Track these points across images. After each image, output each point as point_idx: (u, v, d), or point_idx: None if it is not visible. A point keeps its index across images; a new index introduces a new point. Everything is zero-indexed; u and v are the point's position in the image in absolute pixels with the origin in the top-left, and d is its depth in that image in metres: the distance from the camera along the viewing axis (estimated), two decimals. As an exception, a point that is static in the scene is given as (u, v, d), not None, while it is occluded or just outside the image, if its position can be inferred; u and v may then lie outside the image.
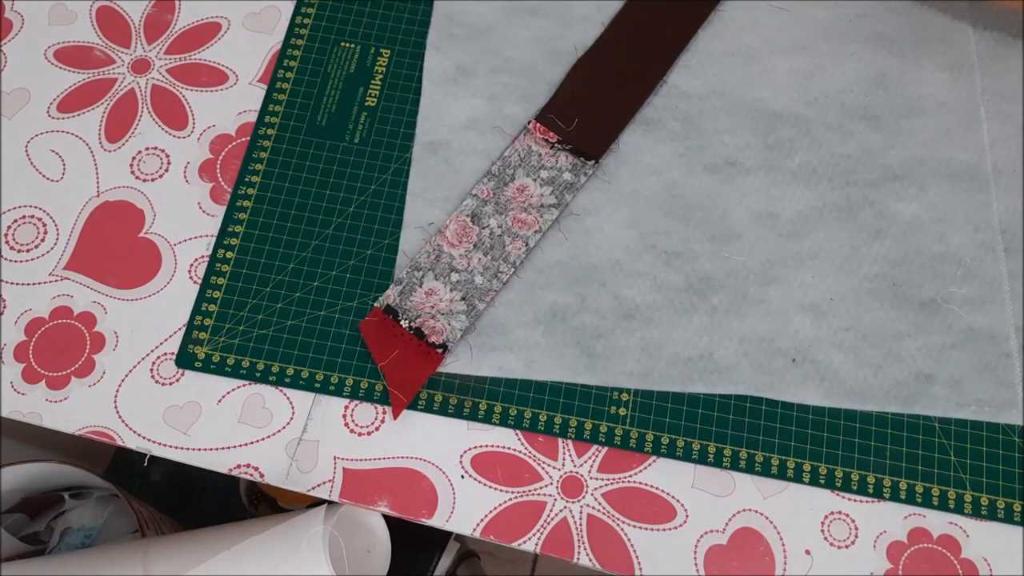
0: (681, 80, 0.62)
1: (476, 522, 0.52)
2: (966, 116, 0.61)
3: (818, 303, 0.56)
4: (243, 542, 0.52)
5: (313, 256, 0.57)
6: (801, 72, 0.62)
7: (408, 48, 0.64)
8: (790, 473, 0.52)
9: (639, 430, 0.53)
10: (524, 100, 0.61)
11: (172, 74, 0.63)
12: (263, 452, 0.53)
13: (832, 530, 0.51)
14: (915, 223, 0.58)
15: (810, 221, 0.58)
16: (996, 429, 0.53)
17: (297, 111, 0.62)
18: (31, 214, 0.59)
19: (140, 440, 0.53)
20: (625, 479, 0.53)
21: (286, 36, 0.64)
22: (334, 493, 0.52)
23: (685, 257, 0.57)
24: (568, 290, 0.56)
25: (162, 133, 0.61)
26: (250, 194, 0.59)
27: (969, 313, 0.55)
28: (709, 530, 0.51)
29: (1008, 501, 0.52)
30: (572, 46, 0.63)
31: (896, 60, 0.62)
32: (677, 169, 0.59)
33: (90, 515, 0.74)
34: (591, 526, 0.51)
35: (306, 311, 0.56)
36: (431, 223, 0.58)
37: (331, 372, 0.55)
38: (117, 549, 0.57)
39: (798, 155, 0.60)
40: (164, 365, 0.55)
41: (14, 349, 0.56)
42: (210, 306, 0.56)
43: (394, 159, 0.60)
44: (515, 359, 0.54)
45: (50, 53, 0.64)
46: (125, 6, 0.65)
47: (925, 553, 0.51)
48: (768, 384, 0.54)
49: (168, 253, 0.58)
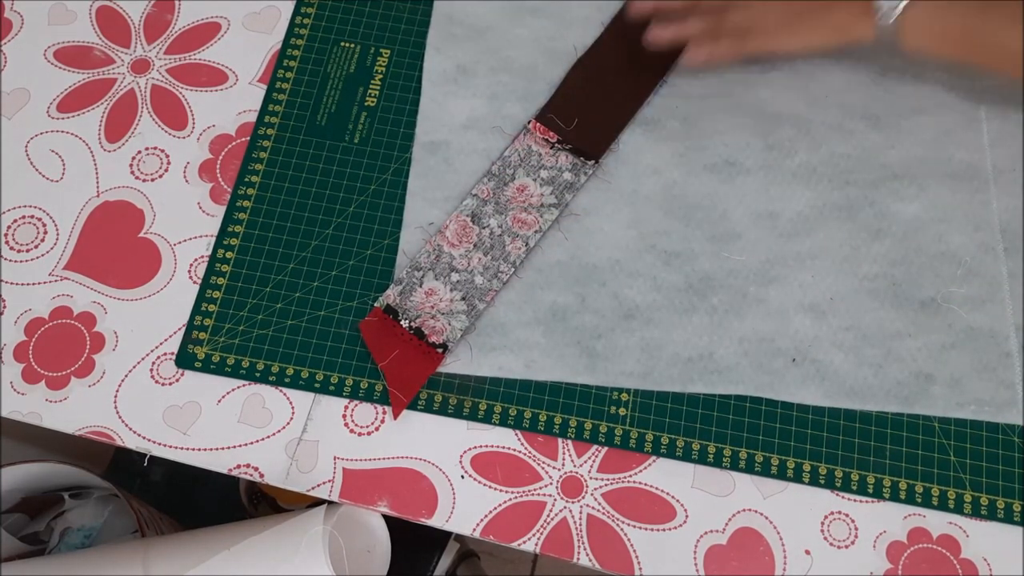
0: (681, 80, 0.62)
1: (476, 522, 0.52)
2: (966, 116, 0.61)
3: (818, 303, 0.56)
4: (243, 542, 0.52)
5: (313, 256, 0.57)
6: (801, 72, 0.62)
7: (408, 48, 0.64)
8: (790, 473, 0.52)
9: (639, 430, 0.53)
10: (524, 100, 0.61)
11: (172, 74, 0.63)
12: (263, 452, 0.53)
13: (832, 530, 0.51)
14: (915, 223, 0.58)
15: (810, 221, 0.58)
16: (996, 429, 0.53)
17: (297, 111, 0.62)
18: (31, 214, 0.59)
19: (140, 440, 0.53)
20: (625, 479, 0.53)
21: (286, 36, 0.64)
22: (334, 493, 0.52)
23: (685, 257, 0.57)
24: (568, 290, 0.56)
25: (162, 133, 0.61)
26: (250, 194, 0.59)
27: (969, 313, 0.55)
28: (709, 530, 0.51)
29: (1008, 501, 0.51)
30: (572, 46, 0.63)
31: (896, 60, 0.62)
32: (677, 169, 0.59)
33: (90, 515, 0.74)
34: (591, 526, 0.51)
35: (306, 311, 0.56)
36: (431, 223, 0.58)
37: (331, 372, 0.55)
38: (117, 549, 0.57)
39: (798, 155, 0.60)
40: (164, 365, 0.55)
41: (14, 349, 0.56)
42: (210, 306, 0.56)
43: (394, 159, 0.60)
44: (515, 359, 0.54)
45: (50, 53, 0.64)
46: (125, 6, 0.65)
47: (925, 553, 0.51)
48: (768, 384, 0.54)
49: (168, 253, 0.58)
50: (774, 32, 0.55)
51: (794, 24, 0.55)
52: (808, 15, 0.55)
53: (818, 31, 0.55)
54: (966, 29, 0.49)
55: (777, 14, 0.55)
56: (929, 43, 0.51)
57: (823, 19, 0.54)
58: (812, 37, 0.55)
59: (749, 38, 0.56)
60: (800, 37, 0.55)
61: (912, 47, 0.51)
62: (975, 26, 0.49)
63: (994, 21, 0.49)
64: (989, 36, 0.49)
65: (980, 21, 0.49)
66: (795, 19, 0.55)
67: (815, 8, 0.55)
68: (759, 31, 0.56)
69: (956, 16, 0.49)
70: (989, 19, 0.49)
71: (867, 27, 0.52)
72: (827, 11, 0.54)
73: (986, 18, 0.49)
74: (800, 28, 0.55)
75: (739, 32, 0.56)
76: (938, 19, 0.49)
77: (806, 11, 0.55)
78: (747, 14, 0.56)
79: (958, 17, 0.49)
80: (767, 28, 0.55)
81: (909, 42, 0.50)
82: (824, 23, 0.54)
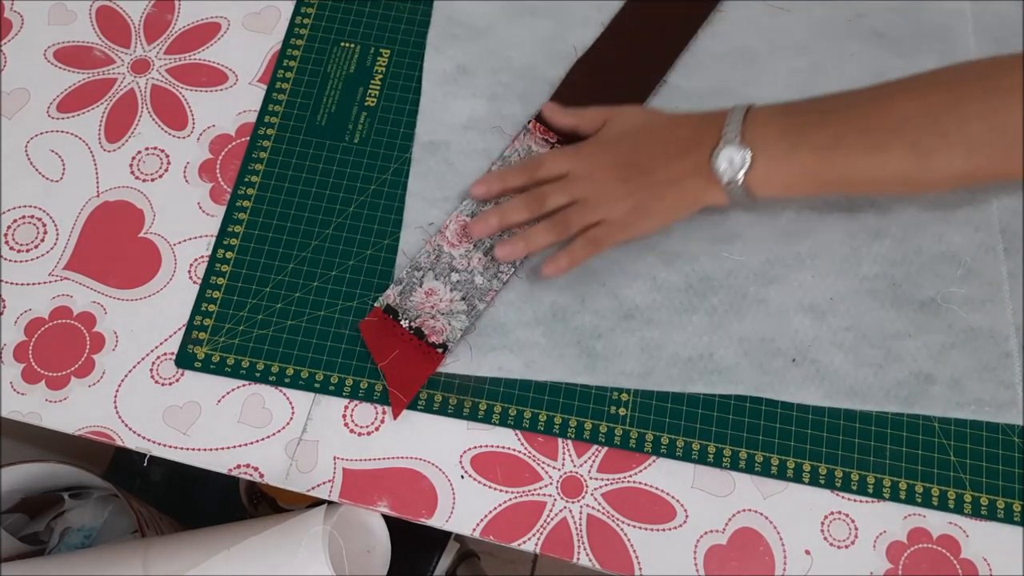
0: (681, 80, 0.62)
1: (476, 522, 0.52)
2: (966, 116, 0.61)
3: (818, 303, 0.56)
4: (243, 542, 0.52)
5: (313, 256, 0.57)
6: (801, 72, 0.62)
7: (408, 48, 0.64)
8: (790, 473, 0.52)
9: (639, 430, 0.53)
10: (524, 100, 0.61)
11: (172, 74, 0.63)
12: (263, 452, 0.53)
13: (832, 530, 0.51)
14: (915, 223, 0.58)
15: (810, 221, 0.58)
16: (996, 429, 0.53)
17: (297, 111, 0.62)
18: (31, 214, 0.59)
19: (140, 440, 0.53)
20: (625, 479, 0.53)
21: (286, 36, 0.64)
22: (334, 493, 0.52)
23: (685, 257, 0.57)
24: (568, 290, 0.56)
25: (162, 133, 0.61)
26: (250, 194, 0.59)
27: (969, 313, 0.55)
28: (709, 530, 0.51)
29: (1008, 501, 0.51)
30: (572, 46, 0.63)
31: (896, 60, 0.62)
32: (677, 169, 0.59)
33: (90, 515, 0.74)
34: (591, 526, 0.51)
35: (306, 311, 0.56)
36: (431, 223, 0.58)
37: (331, 372, 0.55)
38: (117, 549, 0.57)
39: (798, 155, 0.60)
40: (164, 365, 0.55)
41: (14, 349, 0.56)
42: (210, 306, 0.56)
43: (394, 159, 0.60)
44: (515, 359, 0.54)
45: (50, 53, 0.64)
46: (125, 6, 0.65)
47: (925, 553, 0.51)
48: (768, 384, 0.54)
49: (168, 253, 0.58)
50: (625, 223, 0.52)
51: (645, 207, 0.51)
52: (657, 197, 0.51)
53: (672, 209, 0.52)
54: (811, 173, 0.46)
55: (623, 205, 0.51)
56: (780, 192, 0.49)
57: (674, 197, 0.51)
58: (667, 216, 0.52)
59: (603, 236, 0.52)
60: (655, 219, 0.52)
61: (766, 197, 0.49)
62: (820, 169, 0.46)
63: (840, 158, 0.47)
64: (837, 174, 0.47)
65: (825, 163, 0.47)
66: (645, 203, 0.51)
67: (661, 184, 0.51)
68: (610, 225, 0.52)
69: (798, 165, 0.46)
70: (835, 156, 0.47)
71: (718, 193, 0.50)
72: (675, 186, 0.51)
73: (832, 157, 0.46)
74: (653, 210, 0.52)
75: (590, 235, 0.52)
76: (781, 172, 0.46)
77: (650, 193, 0.51)
78: (591, 211, 0.52)
79: (799, 166, 0.46)
80: (616, 220, 0.52)
81: (760, 195, 0.48)
82: (677, 200, 0.51)
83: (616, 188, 0.52)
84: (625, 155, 0.52)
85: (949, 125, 0.44)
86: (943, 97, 0.45)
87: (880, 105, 0.47)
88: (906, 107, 0.46)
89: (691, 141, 0.51)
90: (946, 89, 0.45)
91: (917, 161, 0.45)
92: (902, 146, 0.45)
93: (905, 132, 0.45)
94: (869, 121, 0.47)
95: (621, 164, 0.52)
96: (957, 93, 0.45)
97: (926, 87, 0.46)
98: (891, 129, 0.46)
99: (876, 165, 0.46)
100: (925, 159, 0.45)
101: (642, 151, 0.52)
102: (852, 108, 0.48)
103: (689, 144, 0.51)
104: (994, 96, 0.44)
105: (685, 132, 0.52)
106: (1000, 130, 0.43)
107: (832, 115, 0.48)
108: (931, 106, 0.45)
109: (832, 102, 0.49)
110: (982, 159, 0.44)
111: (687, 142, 0.51)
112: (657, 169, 0.51)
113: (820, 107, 0.49)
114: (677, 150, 0.51)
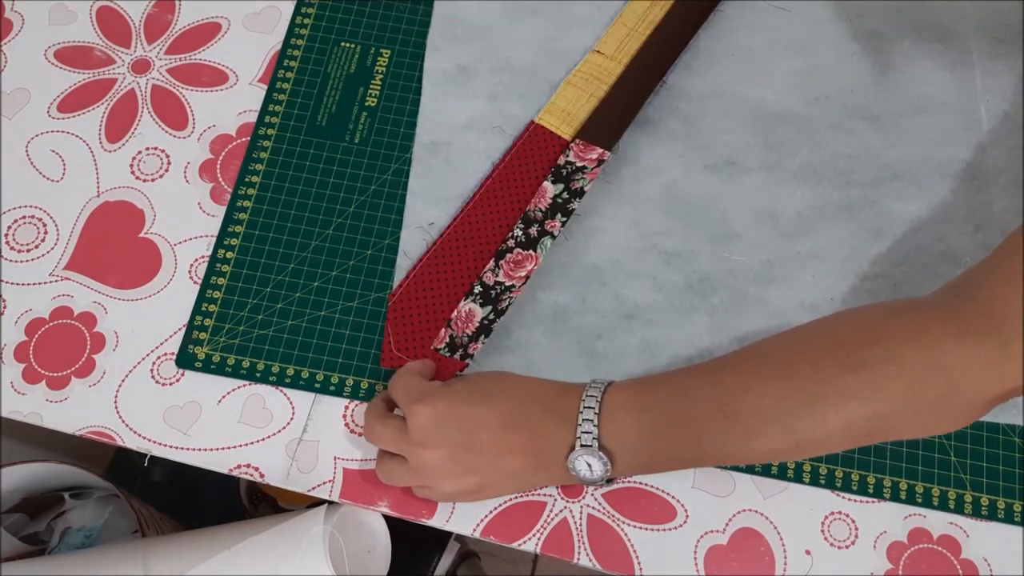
0: (681, 80, 0.62)
1: (476, 522, 0.52)
2: (966, 116, 0.61)
3: (818, 303, 0.56)
4: (243, 542, 0.52)
5: (313, 256, 0.57)
6: (801, 72, 0.62)
7: (408, 48, 0.64)
8: (790, 473, 0.52)
9: (639, 430, 0.53)
10: (524, 100, 0.61)
11: (172, 74, 0.63)
12: (263, 452, 0.53)
13: (832, 530, 0.51)
14: (915, 223, 0.58)
15: (810, 221, 0.58)
16: (996, 429, 0.53)
17: (297, 111, 0.62)
18: (31, 214, 0.59)
19: (140, 440, 0.53)
20: (625, 479, 0.53)
21: (286, 36, 0.64)
22: (334, 493, 0.52)
23: (685, 257, 0.57)
24: (569, 290, 0.56)
25: (162, 133, 0.61)
26: (250, 194, 0.59)
27: (969, 313, 0.55)
28: (709, 530, 0.51)
29: (1008, 501, 0.52)
30: (572, 46, 0.63)
31: (896, 60, 0.62)
32: (677, 169, 0.59)
33: (90, 515, 0.74)
34: (591, 526, 0.51)
35: (306, 311, 0.56)
36: (431, 223, 0.58)
37: (331, 372, 0.55)
38: (117, 549, 0.57)
39: (798, 155, 0.60)
40: (164, 365, 0.55)
41: (14, 349, 0.56)
42: (210, 306, 0.56)
43: (394, 159, 0.60)
44: (516, 359, 0.54)
45: (50, 53, 0.64)
46: (125, 6, 0.65)
47: (925, 553, 0.51)
48: (768, 384, 0.54)
49: (168, 253, 0.58)
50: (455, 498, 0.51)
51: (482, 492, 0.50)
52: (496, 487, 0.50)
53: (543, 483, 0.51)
54: (649, 462, 0.47)
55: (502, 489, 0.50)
56: (628, 472, 0.49)
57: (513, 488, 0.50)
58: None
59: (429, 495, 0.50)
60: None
61: (617, 476, 0.48)
62: (654, 460, 0.47)
63: (666, 456, 0.47)
64: (669, 462, 0.47)
65: (660, 456, 0.47)
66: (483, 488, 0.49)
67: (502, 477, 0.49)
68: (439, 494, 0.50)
69: (639, 459, 0.46)
70: (665, 451, 0.46)
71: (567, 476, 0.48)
72: (517, 480, 0.49)
73: (661, 451, 0.46)
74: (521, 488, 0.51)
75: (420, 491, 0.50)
76: (625, 466, 0.46)
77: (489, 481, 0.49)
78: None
79: (638, 458, 0.46)
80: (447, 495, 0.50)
81: (615, 474, 0.47)
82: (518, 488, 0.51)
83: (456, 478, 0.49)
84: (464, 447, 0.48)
85: (814, 415, 0.43)
86: (796, 385, 0.43)
87: (741, 396, 0.45)
88: (763, 398, 0.44)
89: (544, 438, 0.48)
90: (789, 377, 0.44)
91: (791, 441, 0.44)
92: (777, 431, 0.44)
93: (770, 419, 0.44)
94: (732, 409, 0.45)
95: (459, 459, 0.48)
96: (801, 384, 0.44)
97: (772, 372, 0.45)
98: (760, 417, 0.44)
99: (748, 452, 0.46)
100: (797, 439, 0.44)
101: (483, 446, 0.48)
102: (711, 395, 0.46)
103: (542, 443, 0.48)
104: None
105: (536, 423, 0.48)
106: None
107: (692, 406, 0.46)
108: (786, 395, 0.44)
109: (688, 385, 0.47)
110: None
111: (540, 435, 0.48)
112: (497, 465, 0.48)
113: (678, 393, 0.47)
114: (527, 447, 0.48)
